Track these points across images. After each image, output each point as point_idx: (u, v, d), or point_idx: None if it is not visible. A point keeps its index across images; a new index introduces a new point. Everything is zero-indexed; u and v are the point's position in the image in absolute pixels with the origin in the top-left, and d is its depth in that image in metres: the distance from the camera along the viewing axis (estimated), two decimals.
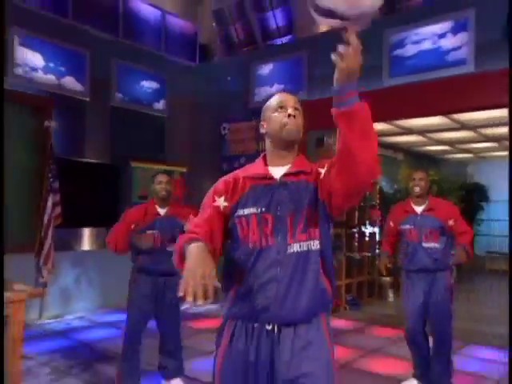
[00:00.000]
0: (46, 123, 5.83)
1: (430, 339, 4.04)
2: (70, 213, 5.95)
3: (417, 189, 4.12)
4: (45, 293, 4.80)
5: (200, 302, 1.29)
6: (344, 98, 1.38)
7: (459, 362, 4.74)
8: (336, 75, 1.37)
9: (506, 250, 11.42)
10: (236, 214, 1.79)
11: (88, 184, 6.62)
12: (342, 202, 1.66)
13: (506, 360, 4.69)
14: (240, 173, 1.90)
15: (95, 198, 6.65)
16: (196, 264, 1.44)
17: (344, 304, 6.92)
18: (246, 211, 1.78)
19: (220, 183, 1.91)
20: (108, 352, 4.84)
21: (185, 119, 8.08)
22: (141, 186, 7.26)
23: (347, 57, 1.32)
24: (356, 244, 7.66)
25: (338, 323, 6.06)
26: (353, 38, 1.33)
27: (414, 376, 4.10)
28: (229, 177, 1.92)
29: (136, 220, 3.86)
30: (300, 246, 1.74)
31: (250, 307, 1.77)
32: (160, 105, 7.69)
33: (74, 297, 6.34)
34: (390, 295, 7.69)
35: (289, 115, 1.74)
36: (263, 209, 1.75)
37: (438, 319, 4.07)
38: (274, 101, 1.85)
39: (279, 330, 1.75)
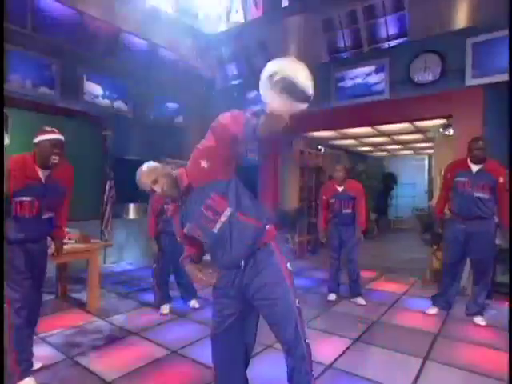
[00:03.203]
0: (104, 132, 5.84)
1: None
2: (121, 193, 5.91)
3: (336, 175, 4.09)
4: (111, 244, 4.87)
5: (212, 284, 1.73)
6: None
7: (379, 284, 4.92)
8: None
9: (406, 215, 11.78)
10: None
11: (132, 173, 6.50)
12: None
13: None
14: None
15: (136, 183, 6.58)
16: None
17: (306, 252, 7.00)
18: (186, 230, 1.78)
19: None
20: (148, 283, 4.62)
21: (196, 128, 7.58)
22: None
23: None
24: (314, 212, 7.50)
25: (302, 264, 6.17)
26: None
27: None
28: None
29: None
30: (221, 224, 1.60)
31: None
32: (179, 119, 7.57)
33: (125, 249, 6.34)
34: None
35: (162, 188, 1.65)
36: (189, 223, 1.71)
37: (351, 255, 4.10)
38: (148, 178, 1.66)
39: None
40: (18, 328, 2.33)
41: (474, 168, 3.36)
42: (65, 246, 3.59)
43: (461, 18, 5.12)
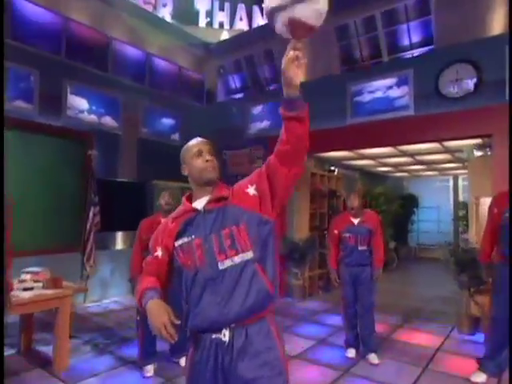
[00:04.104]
0: (89, 152, 5.51)
1: None
2: (108, 220, 5.50)
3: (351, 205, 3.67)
4: (87, 289, 4.44)
5: (172, 341, 1.28)
6: (297, 105, 1.24)
7: (404, 334, 4.38)
8: (285, 86, 1.23)
9: (430, 242, 11.31)
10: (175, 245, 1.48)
11: (120, 197, 6.17)
12: (288, 179, 1.37)
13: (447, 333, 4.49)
14: (167, 220, 1.56)
15: (126, 208, 6.16)
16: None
17: (318, 289, 6.53)
18: (180, 242, 1.46)
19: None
20: (133, 329, 4.07)
21: None
22: None
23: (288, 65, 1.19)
24: (326, 243, 7.15)
25: (314, 305, 5.73)
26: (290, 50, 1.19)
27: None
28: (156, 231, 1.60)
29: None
30: (232, 261, 1.37)
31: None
32: (176, 136, 7.29)
33: (110, 285, 5.94)
34: None
35: (206, 160, 1.47)
36: (193, 236, 1.43)
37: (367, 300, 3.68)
38: (192, 147, 1.53)
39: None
40: None
41: None
42: (29, 293, 3.21)
43: (497, 23, 4.78)
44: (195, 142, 1.55)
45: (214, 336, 1.36)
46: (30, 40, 5.16)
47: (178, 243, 1.45)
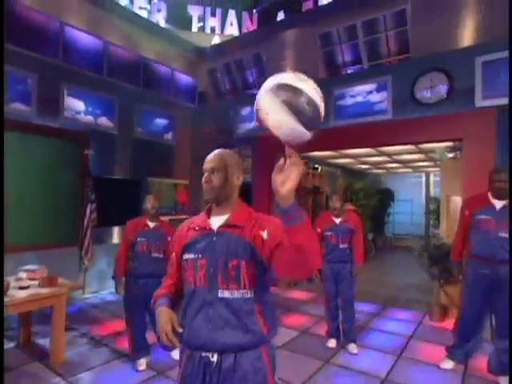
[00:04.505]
0: (86, 151, 5.33)
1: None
2: (104, 215, 5.36)
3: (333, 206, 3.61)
4: (82, 286, 4.31)
5: (173, 348, 1.27)
6: (290, 217, 1.02)
7: (381, 322, 4.36)
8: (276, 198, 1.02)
9: (404, 232, 11.42)
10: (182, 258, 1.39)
11: (116, 194, 5.96)
12: (284, 275, 1.27)
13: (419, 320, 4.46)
14: (186, 225, 1.46)
15: (122, 204, 5.90)
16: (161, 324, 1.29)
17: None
18: (187, 256, 1.37)
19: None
20: None
21: (187, 145, 7.44)
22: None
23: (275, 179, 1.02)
24: None
25: (299, 294, 5.70)
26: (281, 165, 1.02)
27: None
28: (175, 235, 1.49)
29: None
30: (231, 293, 1.27)
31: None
32: (169, 135, 7.09)
33: (107, 277, 5.72)
34: None
35: (205, 181, 1.34)
36: (199, 255, 1.33)
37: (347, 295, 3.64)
38: (203, 165, 1.39)
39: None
40: None
41: (498, 204, 2.88)
42: (25, 292, 3.07)
43: (468, 35, 4.71)
44: (206, 158, 1.40)
45: (203, 354, 1.29)
46: (28, 44, 4.91)
47: (184, 256, 1.37)
